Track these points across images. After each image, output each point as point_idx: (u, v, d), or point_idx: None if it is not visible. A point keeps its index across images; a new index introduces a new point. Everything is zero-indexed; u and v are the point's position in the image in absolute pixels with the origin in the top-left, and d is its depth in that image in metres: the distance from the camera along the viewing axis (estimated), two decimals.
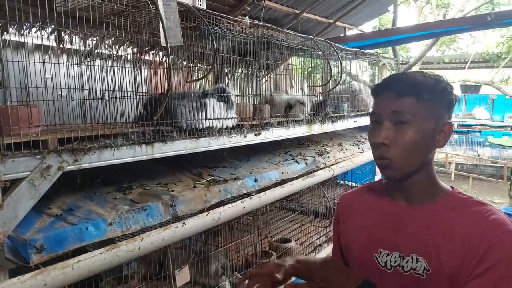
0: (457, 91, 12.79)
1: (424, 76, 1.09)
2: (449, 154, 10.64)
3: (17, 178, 1.35)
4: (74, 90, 1.89)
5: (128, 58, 2.41)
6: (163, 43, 1.77)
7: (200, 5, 2.15)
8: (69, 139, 1.53)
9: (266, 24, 2.56)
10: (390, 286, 1.09)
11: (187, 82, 2.24)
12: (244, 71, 3.64)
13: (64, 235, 1.46)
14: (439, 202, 1.09)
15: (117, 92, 1.92)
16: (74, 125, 1.58)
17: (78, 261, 1.40)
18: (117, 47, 2.44)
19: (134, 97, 1.93)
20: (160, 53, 2.97)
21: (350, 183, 4.65)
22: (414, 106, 1.04)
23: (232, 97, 2.27)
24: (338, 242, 1.31)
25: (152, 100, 1.85)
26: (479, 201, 1.07)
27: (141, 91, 1.95)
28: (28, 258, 1.34)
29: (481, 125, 11.41)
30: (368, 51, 4.88)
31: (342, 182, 4.76)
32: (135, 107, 1.91)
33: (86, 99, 1.96)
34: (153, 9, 1.77)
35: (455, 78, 11.33)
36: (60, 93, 1.71)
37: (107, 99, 1.93)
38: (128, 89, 1.96)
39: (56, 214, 1.58)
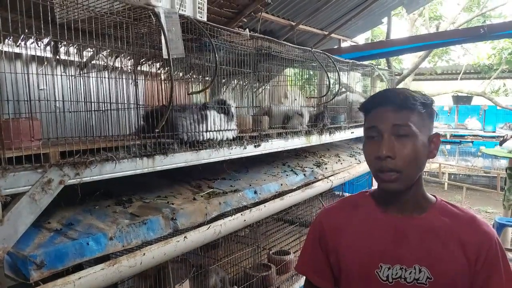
0: (449, 101, 12.98)
1: (411, 92, 1.13)
2: (442, 164, 10.71)
3: (18, 193, 1.32)
4: (70, 102, 1.86)
5: (124, 69, 2.40)
6: (165, 55, 1.76)
7: (201, 17, 2.15)
8: (70, 152, 1.51)
9: (266, 37, 2.57)
10: None
11: (188, 94, 2.23)
12: (239, 82, 3.64)
13: (65, 251, 1.43)
14: (431, 212, 1.13)
15: (114, 104, 1.89)
16: (75, 138, 1.55)
17: (80, 278, 1.37)
18: (113, 58, 2.43)
19: (133, 108, 1.91)
20: (157, 64, 2.97)
21: (346, 194, 4.64)
22: (413, 119, 1.08)
23: (233, 109, 2.26)
24: (326, 260, 1.23)
25: (153, 112, 1.84)
26: (463, 209, 1.15)
27: (139, 103, 1.94)
28: (28, 274, 1.30)
29: (473, 135, 11.52)
30: (363, 62, 4.93)
31: (337, 193, 4.75)
32: (134, 119, 1.89)
33: (83, 111, 1.93)
34: (155, 21, 1.77)
35: (447, 89, 11.48)
36: (56, 104, 1.68)
37: (104, 111, 1.91)
38: (126, 101, 1.94)
39: (56, 228, 1.55)
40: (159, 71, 3.01)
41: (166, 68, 3.03)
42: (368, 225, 1.16)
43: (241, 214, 2.24)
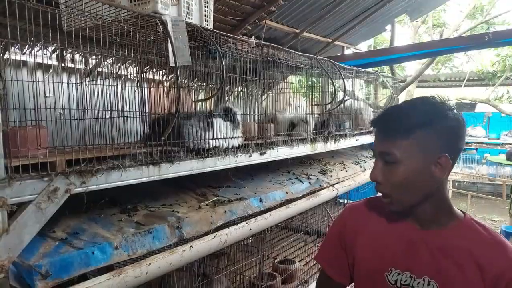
0: None
1: (415, 109, 1.06)
2: None
3: (24, 202, 1.31)
4: (75, 110, 1.85)
5: (129, 77, 2.39)
6: (171, 63, 1.76)
7: (207, 25, 2.15)
8: (77, 160, 1.49)
9: (271, 44, 2.56)
10: None
11: (194, 102, 2.22)
12: (243, 90, 3.63)
13: (70, 260, 1.41)
14: (453, 228, 1.08)
15: (120, 112, 1.88)
16: (82, 146, 1.54)
17: None
18: (119, 66, 2.43)
19: (139, 116, 1.90)
20: (160, 72, 2.97)
21: (351, 202, 4.61)
22: (401, 146, 1.03)
23: (238, 117, 2.25)
24: (344, 256, 1.25)
25: (159, 120, 1.83)
26: (491, 231, 1.07)
27: (145, 111, 1.93)
28: (33, 285, 1.28)
29: (478, 142, 11.46)
30: (367, 69, 4.92)
31: (342, 200, 4.72)
32: (140, 126, 1.88)
33: (88, 119, 1.92)
34: (162, 30, 1.77)
35: (451, 96, 11.45)
36: (60, 112, 1.67)
37: (109, 118, 1.90)
38: (131, 109, 1.93)
39: (61, 238, 1.54)
40: (162, 79, 3.01)
41: (170, 76, 3.03)
42: (385, 229, 1.17)
43: (247, 223, 2.22)
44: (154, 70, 2.81)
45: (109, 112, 1.74)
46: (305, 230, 3.79)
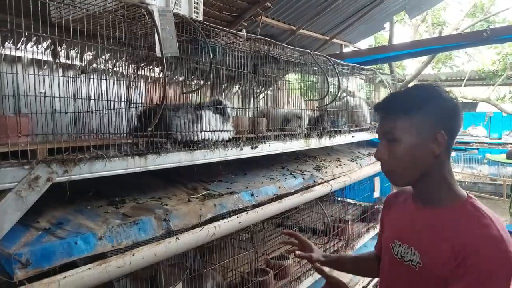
0: None
1: (414, 91, 1.23)
2: None
3: (4, 189, 1.30)
4: (66, 99, 1.84)
5: (124, 72, 2.39)
6: (158, 54, 1.74)
7: (197, 17, 2.14)
8: (61, 150, 1.48)
9: (263, 38, 2.55)
10: (394, 271, 1.27)
11: (182, 93, 2.21)
12: (241, 88, 3.62)
13: (52, 250, 1.40)
14: (448, 208, 1.16)
15: (109, 102, 1.86)
16: (65, 134, 1.53)
17: (65, 277, 1.34)
18: (113, 61, 2.42)
19: (125, 108, 1.89)
20: (157, 69, 2.96)
21: (348, 200, 4.59)
22: (401, 124, 1.16)
23: (229, 110, 2.24)
24: (382, 231, 1.48)
25: (146, 111, 1.81)
26: (486, 214, 1.10)
27: (134, 103, 1.92)
28: (12, 273, 1.27)
29: (479, 142, 11.41)
30: (363, 66, 4.90)
31: (339, 198, 4.69)
32: (128, 118, 1.87)
33: (80, 112, 1.91)
34: (149, 19, 1.76)
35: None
36: (52, 104, 1.67)
37: (101, 111, 1.89)
38: (122, 101, 1.92)
39: (44, 228, 1.52)
40: (158, 76, 3.00)
41: (167, 73, 3.02)
42: (401, 208, 1.34)
43: (237, 216, 2.20)
44: (150, 67, 2.80)
45: (94, 102, 1.73)
46: (298, 227, 3.77)
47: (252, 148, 2.45)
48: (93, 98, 1.70)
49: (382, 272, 1.39)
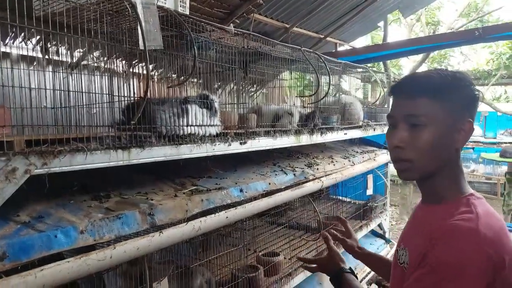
0: None
1: (439, 74, 1.05)
2: None
3: None
4: (45, 91, 1.82)
5: (116, 70, 2.36)
6: (141, 46, 1.73)
7: (183, 11, 2.12)
8: (39, 142, 1.46)
9: (252, 33, 2.53)
10: (393, 275, 1.21)
11: (168, 87, 2.19)
12: (235, 87, 3.60)
13: (30, 243, 1.38)
14: (443, 205, 1.08)
15: (86, 95, 1.83)
16: (44, 126, 1.51)
17: (42, 270, 1.31)
18: (93, 54, 2.39)
19: (109, 102, 1.86)
20: (150, 66, 2.93)
21: (341, 198, 4.58)
22: (429, 108, 1.02)
23: (216, 104, 2.22)
24: None
25: (130, 105, 1.79)
26: (473, 209, 1.02)
27: (117, 96, 1.89)
28: None
29: (474, 141, 11.43)
30: (356, 64, 4.89)
31: (333, 196, 4.68)
32: (111, 112, 1.84)
33: (64, 107, 1.89)
34: (131, 12, 1.74)
35: None
36: (30, 96, 1.64)
37: (82, 105, 1.86)
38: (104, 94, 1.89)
39: (24, 221, 1.50)
40: (152, 73, 2.98)
41: (160, 70, 3.00)
42: (414, 212, 1.28)
43: (225, 212, 2.18)
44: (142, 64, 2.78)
45: (75, 94, 1.71)
46: (290, 224, 3.75)
47: (241, 143, 2.43)
48: (72, 90, 1.68)
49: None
